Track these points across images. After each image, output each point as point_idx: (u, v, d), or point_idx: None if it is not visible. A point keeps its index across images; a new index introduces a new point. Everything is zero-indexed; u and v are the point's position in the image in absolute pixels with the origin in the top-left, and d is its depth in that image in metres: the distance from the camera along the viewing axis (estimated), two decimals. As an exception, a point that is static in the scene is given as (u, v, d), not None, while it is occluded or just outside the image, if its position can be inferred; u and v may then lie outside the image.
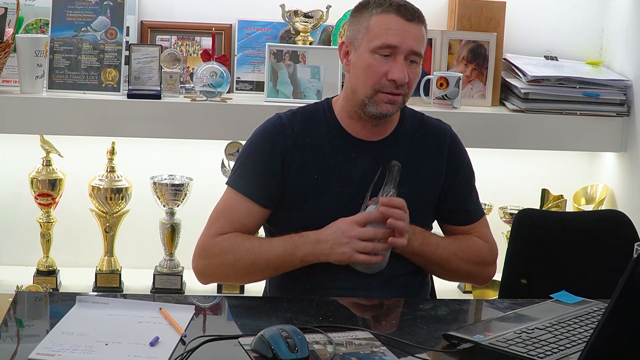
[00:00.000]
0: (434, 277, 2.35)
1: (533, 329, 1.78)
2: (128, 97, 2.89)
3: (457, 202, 2.20)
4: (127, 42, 2.97)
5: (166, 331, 1.74)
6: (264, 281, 2.25)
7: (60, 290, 2.96)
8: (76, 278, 3.06)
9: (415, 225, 2.06)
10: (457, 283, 3.20)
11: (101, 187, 2.95)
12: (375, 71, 2.03)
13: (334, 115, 2.13)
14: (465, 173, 2.22)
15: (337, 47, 2.51)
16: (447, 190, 2.18)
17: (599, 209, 3.09)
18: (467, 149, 2.89)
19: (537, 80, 2.99)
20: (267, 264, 2.03)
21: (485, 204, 3.14)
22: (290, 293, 2.13)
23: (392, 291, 2.09)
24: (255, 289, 2.95)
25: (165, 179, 2.99)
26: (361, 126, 2.11)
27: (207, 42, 3.05)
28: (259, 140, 2.12)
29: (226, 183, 2.15)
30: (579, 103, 3.02)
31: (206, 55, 2.94)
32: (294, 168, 2.08)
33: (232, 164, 2.86)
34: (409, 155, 2.13)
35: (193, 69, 2.99)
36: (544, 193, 3.10)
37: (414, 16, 2.05)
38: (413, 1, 2.14)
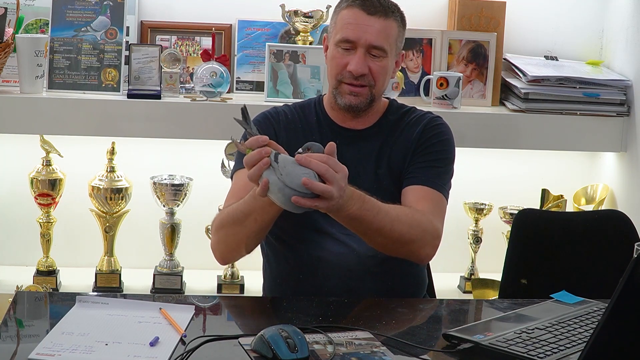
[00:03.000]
0: (433, 277, 2.36)
1: (533, 329, 1.78)
2: (128, 97, 2.89)
3: (410, 171, 2.13)
4: (127, 42, 2.97)
5: (166, 331, 1.74)
6: (262, 280, 2.26)
7: (60, 290, 2.96)
8: (76, 278, 3.06)
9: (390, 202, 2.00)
10: (457, 283, 3.20)
11: (101, 187, 2.95)
12: (337, 63, 2.12)
13: (322, 107, 2.22)
14: (430, 150, 2.15)
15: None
16: (407, 162, 2.15)
17: (599, 209, 3.09)
18: (467, 148, 2.92)
19: (537, 80, 2.99)
20: (245, 215, 1.97)
21: (485, 204, 3.15)
22: (284, 285, 2.16)
23: (385, 279, 2.11)
24: (255, 288, 2.96)
25: (165, 179, 2.99)
26: (342, 116, 2.18)
27: (207, 42, 3.05)
28: (255, 124, 2.15)
29: (231, 174, 2.19)
30: (579, 103, 3.02)
31: (206, 55, 2.94)
32: (285, 150, 2.10)
33: (232, 164, 2.86)
34: (389, 142, 2.18)
35: (193, 69, 2.99)
36: (544, 193, 3.10)
37: (377, 9, 2.09)
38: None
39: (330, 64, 2.14)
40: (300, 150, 1.78)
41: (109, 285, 3.00)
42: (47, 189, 2.94)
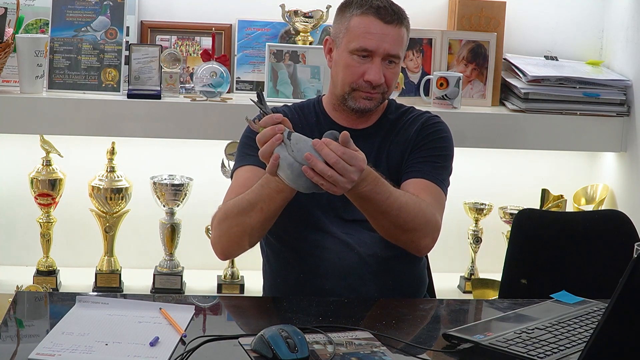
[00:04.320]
0: (433, 277, 2.36)
1: (533, 329, 1.78)
2: (128, 97, 2.89)
3: (410, 166, 2.15)
4: (127, 42, 2.97)
5: (166, 331, 1.74)
6: (262, 280, 2.26)
7: (60, 290, 2.96)
8: (76, 278, 3.06)
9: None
10: (457, 283, 3.20)
11: (101, 187, 2.95)
12: (353, 71, 2.11)
13: (322, 107, 2.22)
14: (429, 147, 2.16)
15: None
16: (406, 159, 2.16)
17: (599, 209, 3.09)
18: (467, 148, 2.92)
19: (537, 80, 2.99)
20: (251, 205, 1.97)
21: (485, 204, 3.15)
22: (284, 285, 2.16)
23: (386, 278, 2.12)
24: (255, 288, 2.96)
25: (165, 179, 2.99)
26: (345, 117, 2.18)
27: (207, 42, 3.05)
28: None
29: (231, 173, 2.19)
30: (579, 103, 3.02)
31: (206, 55, 2.94)
32: None
33: (232, 164, 2.86)
34: (387, 140, 2.18)
35: (193, 69, 2.99)
36: (544, 193, 3.10)
37: (393, 18, 2.10)
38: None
39: (345, 71, 2.12)
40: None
41: (109, 285, 3.00)
42: (47, 189, 2.94)
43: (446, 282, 3.13)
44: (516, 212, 2.58)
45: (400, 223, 1.97)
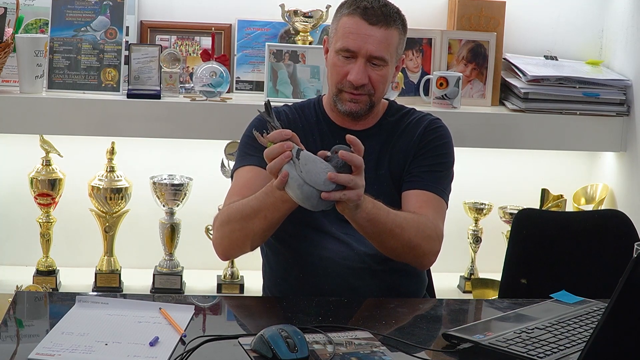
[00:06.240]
0: (433, 277, 2.36)
1: (533, 329, 1.78)
2: (128, 97, 2.89)
3: (411, 175, 2.14)
4: (126, 42, 2.97)
5: (166, 331, 1.74)
6: (262, 280, 2.26)
7: (60, 290, 2.96)
8: (76, 278, 3.06)
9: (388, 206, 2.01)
10: (457, 282, 3.20)
11: (101, 187, 2.95)
12: (338, 71, 2.12)
13: (322, 107, 2.23)
14: (430, 154, 2.16)
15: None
16: (408, 165, 2.16)
17: (599, 209, 3.09)
18: (466, 148, 2.92)
19: (537, 80, 2.99)
20: (254, 211, 1.96)
21: (485, 204, 3.15)
22: (284, 285, 2.16)
23: (385, 278, 2.12)
24: (255, 288, 2.96)
25: (165, 179, 2.99)
26: (342, 118, 2.18)
27: (206, 42, 3.05)
28: (256, 123, 2.17)
29: (231, 173, 2.18)
30: (579, 103, 3.02)
31: (206, 55, 2.94)
32: None
33: (232, 164, 2.86)
34: (388, 143, 2.18)
35: (193, 68, 2.99)
36: (544, 193, 3.10)
37: (379, 19, 2.08)
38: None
39: (331, 70, 2.14)
40: (329, 153, 1.82)
41: (108, 285, 3.00)
42: (47, 189, 2.94)
43: (446, 282, 3.13)
44: (516, 212, 2.58)
45: (405, 239, 1.98)
